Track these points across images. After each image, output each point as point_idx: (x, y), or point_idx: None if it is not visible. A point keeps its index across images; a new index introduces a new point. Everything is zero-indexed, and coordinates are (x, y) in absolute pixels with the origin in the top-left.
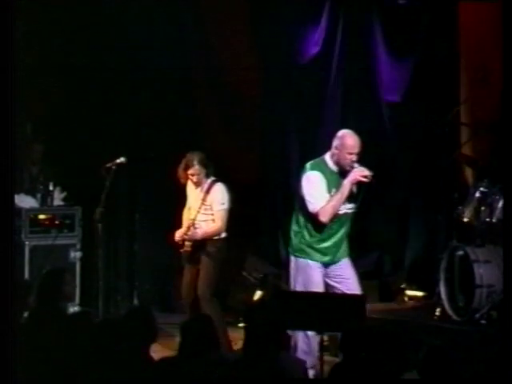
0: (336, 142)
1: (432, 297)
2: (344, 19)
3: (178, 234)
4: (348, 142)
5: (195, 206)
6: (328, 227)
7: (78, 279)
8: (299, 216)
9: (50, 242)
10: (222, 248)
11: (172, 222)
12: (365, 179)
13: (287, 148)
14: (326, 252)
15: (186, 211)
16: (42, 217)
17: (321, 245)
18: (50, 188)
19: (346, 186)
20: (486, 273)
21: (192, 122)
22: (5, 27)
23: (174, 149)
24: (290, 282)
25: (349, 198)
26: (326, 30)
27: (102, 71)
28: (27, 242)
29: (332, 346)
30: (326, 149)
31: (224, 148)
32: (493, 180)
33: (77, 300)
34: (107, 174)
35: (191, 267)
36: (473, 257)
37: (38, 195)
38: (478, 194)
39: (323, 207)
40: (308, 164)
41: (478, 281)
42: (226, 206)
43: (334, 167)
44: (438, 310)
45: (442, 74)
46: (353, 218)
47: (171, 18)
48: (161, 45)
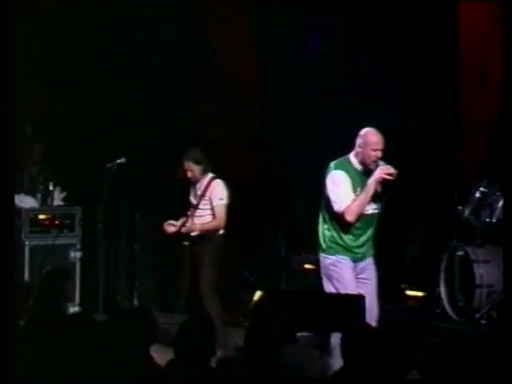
0: (359, 140)
1: (432, 297)
2: (343, 19)
3: (170, 226)
4: (371, 139)
5: (194, 201)
6: (355, 227)
7: (77, 279)
8: (326, 216)
9: (50, 242)
10: (220, 245)
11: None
12: (390, 177)
13: (287, 148)
14: (355, 251)
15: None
16: (41, 217)
17: (350, 244)
18: (50, 188)
19: (371, 184)
20: (486, 273)
21: (192, 122)
22: (5, 27)
23: (174, 149)
24: (322, 281)
25: (374, 198)
26: (325, 30)
27: (102, 71)
28: (27, 242)
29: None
30: (326, 149)
31: (224, 148)
32: (493, 180)
33: (77, 300)
34: (107, 174)
35: (191, 264)
36: (473, 257)
37: (38, 195)
38: (478, 194)
39: (349, 206)
40: (332, 163)
41: (478, 281)
42: (224, 201)
43: (358, 166)
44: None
45: (442, 74)
46: (379, 218)
47: (171, 18)
48: (161, 45)
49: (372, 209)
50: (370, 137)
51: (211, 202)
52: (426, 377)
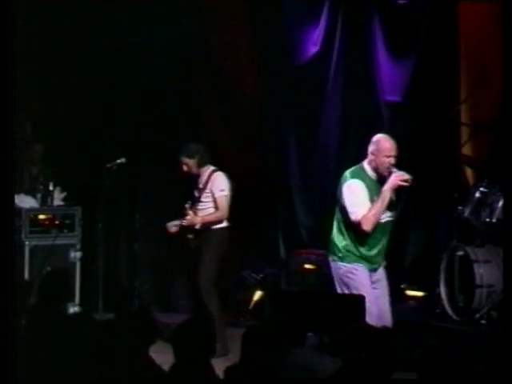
0: (371, 147)
1: (432, 297)
2: (343, 19)
3: (173, 227)
4: (384, 146)
5: (196, 195)
6: (372, 236)
7: (77, 279)
8: (341, 225)
9: (50, 242)
10: (224, 238)
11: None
12: (405, 183)
13: (287, 148)
14: (371, 260)
15: None
16: (41, 217)
17: (367, 253)
18: (50, 188)
19: (386, 192)
20: (486, 273)
21: (192, 122)
22: (5, 27)
23: (174, 149)
24: (337, 288)
25: (389, 206)
26: (325, 30)
27: (101, 71)
28: (27, 242)
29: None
30: (326, 148)
31: (224, 148)
32: (493, 180)
33: (77, 300)
34: (107, 174)
35: (194, 258)
36: (473, 257)
37: (38, 195)
38: (477, 194)
39: (365, 216)
40: (347, 172)
41: (478, 281)
42: (226, 192)
43: (372, 174)
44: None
45: (442, 74)
46: (393, 225)
47: (171, 18)
48: (161, 45)
49: (387, 217)
50: (382, 143)
51: (213, 194)
52: (423, 376)
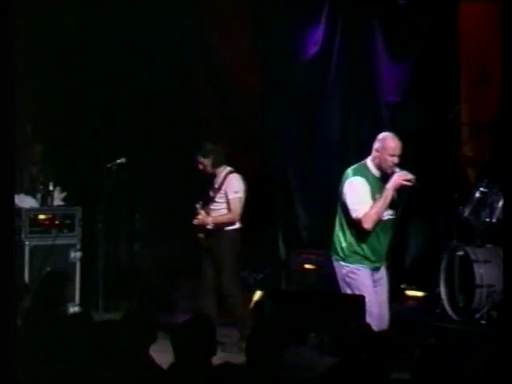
0: (377, 144)
1: (432, 297)
2: (343, 19)
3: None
4: (389, 144)
5: (211, 194)
6: (374, 234)
7: (77, 279)
8: (343, 223)
9: (50, 242)
10: (236, 240)
11: (172, 221)
12: (408, 183)
13: (287, 148)
14: (374, 259)
15: None
16: (41, 217)
17: (369, 252)
18: (50, 188)
19: (389, 191)
20: (486, 273)
21: (192, 122)
22: (5, 27)
23: (174, 149)
24: (340, 288)
25: (390, 204)
26: (325, 30)
27: (102, 71)
28: (27, 242)
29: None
30: (326, 148)
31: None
32: (493, 180)
33: (77, 300)
34: (107, 174)
35: (209, 261)
36: (473, 257)
37: (38, 195)
38: (477, 194)
39: (366, 214)
40: (350, 169)
41: (478, 281)
42: (239, 194)
43: (375, 172)
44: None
45: (442, 74)
46: (394, 223)
47: (171, 18)
48: (161, 45)
49: (388, 215)
50: (388, 142)
51: (226, 195)
52: (422, 377)
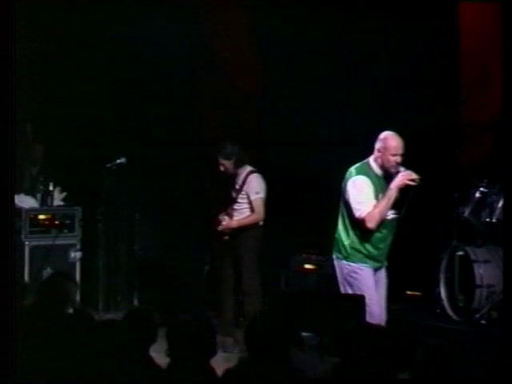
0: (378, 144)
1: (432, 297)
2: (344, 19)
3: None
4: (391, 144)
5: (233, 195)
6: (377, 233)
7: (77, 279)
8: (346, 222)
9: (49, 242)
10: (259, 237)
11: (172, 221)
12: (412, 183)
13: (287, 147)
14: (377, 258)
15: None
16: (41, 217)
17: (373, 251)
18: (50, 188)
19: (393, 190)
20: (485, 273)
21: (192, 122)
22: (5, 27)
23: (174, 149)
24: (341, 287)
25: (394, 203)
26: (325, 30)
27: (102, 71)
28: (27, 242)
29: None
30: (327, 147)
31: None
32: (493, 180)
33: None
34: (107, 174)
35: (230, 261)
36: (473, 257)
37: (38, 195)
38: (477, 194)
39: (370, 213)
40: (353, 168)
41: (478, 281)
42: (261, 194)
43: (378, 171)
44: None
45: (442, 74)
46: (397, 223)
47: (171, 18)
48: (161, 45)
49: (392, 214)
50: (389, 141)
51: (248, 196)
52: (424, 377)
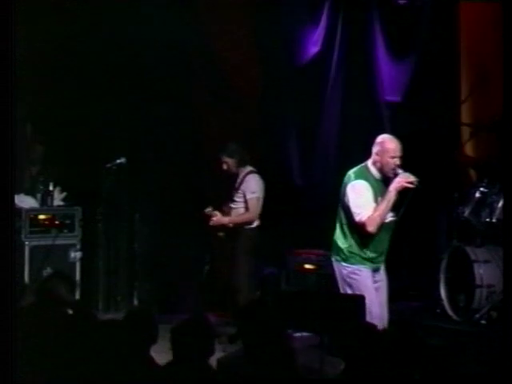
0: (376, 147)
1: (432, 297)
2: (344, 19)
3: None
4: (389, 146)
5: (230, 194)
6: (376, 236)
7: (77, 279)
8: (344, 226)
9: (50, 242)
10: (254, 238)
11: (172, 221)
12: (410, 185)
13: (287, 148)
14: (375, 260)
15: None
16: (42, 217)
17: (371, 254)
18: (50, 188)
19: (392, 193)
20: (485, 273)
21: (192, 122)
22: (5, 27)
23: (174, 149)
24: (340, 288)
25: (393, 206)
26: (325, 30)
27: (102, 71)
28: (27, 242)
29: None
30: (326, 148)
31: None
32: (493, 180)
33: None
34: (107, 174)
35: (224, 259)
36: (473, 257)
37: (38, 195)
38: (477, 194)
39: (370, 217)
40: (351, 172)
41: (478, 281)
42: (257, 194)
43: (377, 174)
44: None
45: (442, 74)
46: (395, 225)
47: (170, 18)
48: (161, 45)
49: (390, 217)
50: (387, 144)
51: (244, 195)
52: (425, 377)
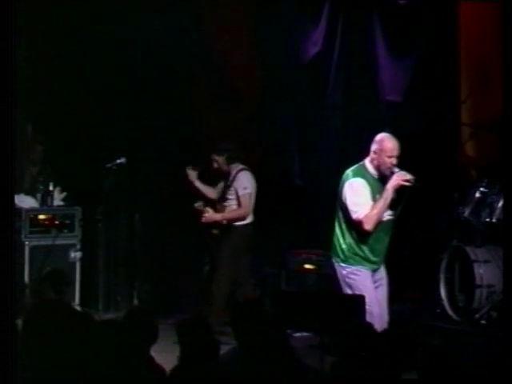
0: (374, 146)
1: (432, 297)
2: (344, 19)
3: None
4: (387, 145)
5: (223, 191)
6: (374, 235)
7: (77, 279)
8: (342, 225)
9: (50, 242)
10: (247, 234)
11: (172, 221)
12: (407, 183)
13: (287, 148)
14: (374, 260)
15: None
16: (41, 217)
17: (370, 253)
18: (50, 188)
19: (389, 191)
20: (485, 273)
21: (192, 122)
22: (5, 27)
23: (174, 149)
24: (342, 290)
25: (390, 205)
26: (325, 30)
27: (101, 71)
28: (27, 242)
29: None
30: (327, 148)
31: None
32: (493, 180)
33: (77, 300)
34: (107, 173)
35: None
36: (473, 257)
37: (38, 195)
38: (477, 194)
39: (367, 215)
40: (349, 171)
41: (478, 281)
42: (248, 190)
43: (374, 173)
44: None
45: (442, 74)
46: (393, 224)
47: (171, 19)
48: (161, 45)
49: (388, 215)
50: (385, 143)
51: (236, 191)
52: (425, 377)
